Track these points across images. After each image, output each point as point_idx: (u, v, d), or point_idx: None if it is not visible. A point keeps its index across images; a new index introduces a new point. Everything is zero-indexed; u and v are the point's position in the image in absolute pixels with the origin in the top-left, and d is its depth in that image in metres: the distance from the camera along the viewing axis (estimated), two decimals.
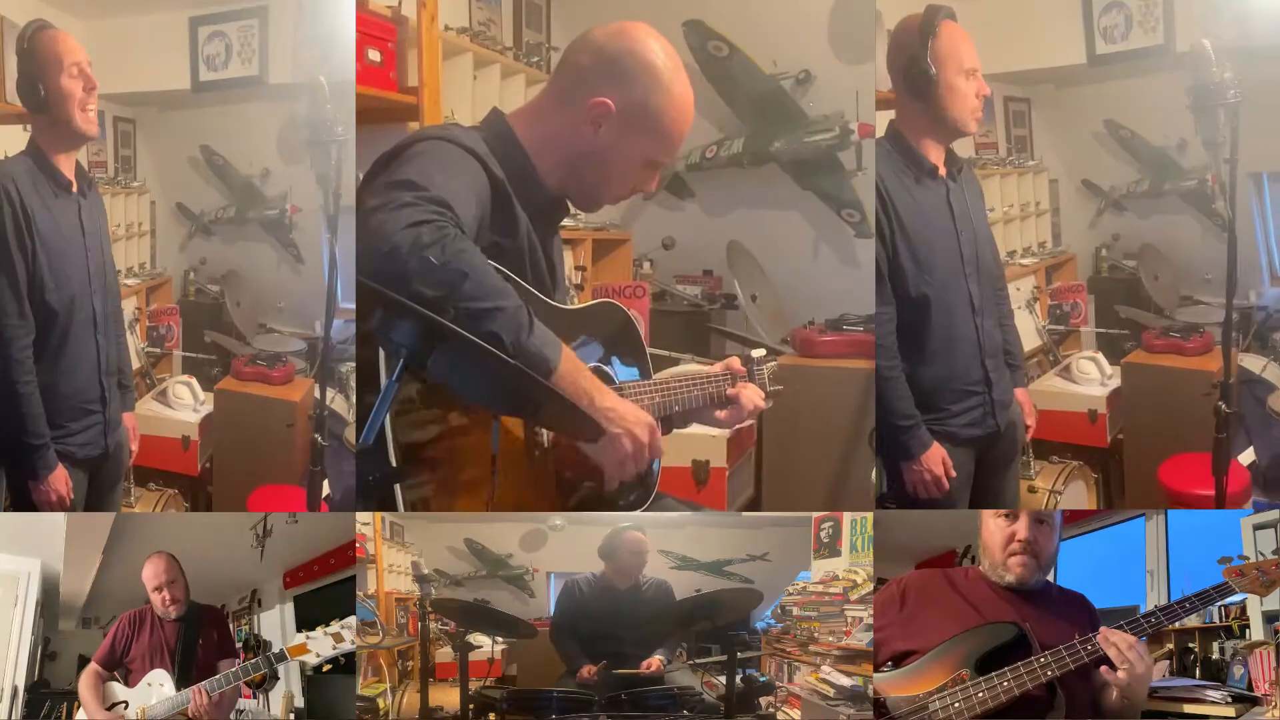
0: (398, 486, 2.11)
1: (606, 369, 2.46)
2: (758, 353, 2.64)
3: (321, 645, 2.94)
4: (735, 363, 2.56)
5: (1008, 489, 3.09)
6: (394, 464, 2.11)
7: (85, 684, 3.04)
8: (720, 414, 2.53)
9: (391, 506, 2.12)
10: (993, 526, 2.63)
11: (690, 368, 2.82)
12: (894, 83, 2.98)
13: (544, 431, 2.30)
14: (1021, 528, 2.59)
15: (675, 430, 2.57)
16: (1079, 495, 3.34)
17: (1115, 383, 3.31)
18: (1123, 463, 3.30)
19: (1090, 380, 3.34)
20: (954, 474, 2.93)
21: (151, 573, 3.12)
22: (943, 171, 2.96)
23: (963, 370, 2.96)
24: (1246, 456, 3.14)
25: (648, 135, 2.31)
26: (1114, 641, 2.41)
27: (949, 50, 2.86)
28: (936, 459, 2.92)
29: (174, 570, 3.13)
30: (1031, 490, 3.30)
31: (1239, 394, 3.12)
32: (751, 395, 2.52)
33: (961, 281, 2.94)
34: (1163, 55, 3.19)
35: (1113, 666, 2.40)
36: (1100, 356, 3.35)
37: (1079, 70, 3.34)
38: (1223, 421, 2.98)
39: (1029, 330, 3.40)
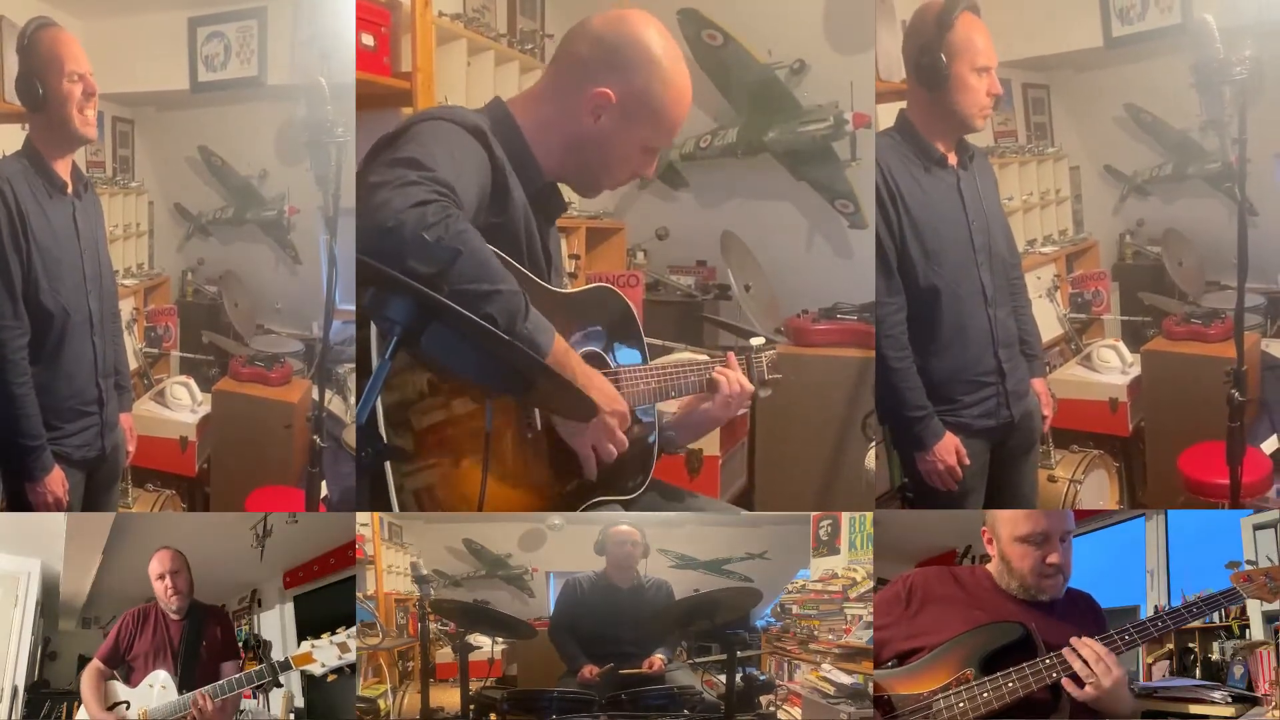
0: (388, 465, 2.11)
1: (604, 355, 2.46)
2: (756, 341, 2.64)
3: (327, 655, 2.93)
4: (731, 356, 2.56)
5: (1025, 480, 3.07)
6: (385, 440, 2.12)
7: (87, 682, 3.02)
8: (707, 405, 2.52)
9: (385, 488, 2.12)
10: (1021, 552, 2.56)
11: (684, 356, 2.82)
12: (906, 70, 2.95)
13: (537, 414, 2.30)
14: (1053, 553, 2.54)
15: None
16: (1100, 485, 3.33)
17: (1136, 371, 3.29)
18: (1144, 452, 3.28)
19: (1111, 369, 3.32)
20: (968, 462, 2.92)
21: (156, 562, 3.11)
22: (953, 160, 2.92)
23: (975, 361, 2.93)
24: (1270, 445, 3.11)
25: (647, 124, 2.32)
26: (1082, 655, 2.38)
27: (964, 44, 2.82)
28: (949, 449, 2.90)
29: (179, 562, 3.11)
30: (1052, 480, 3.29)
31: (1263, 380, 3.10)
32: (734, 376, 2.50)
33: (973, 271, 2.91)
34: (1180, 35, 3.15)
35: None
36: (1120, 345, 3.33)
37: (1097, 54, 3.31)
38: (1236, 410, 2.93)
39: (1050, 319, 3.39)
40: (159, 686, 2.99)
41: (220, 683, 2.93)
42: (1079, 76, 3.43)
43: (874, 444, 3.21)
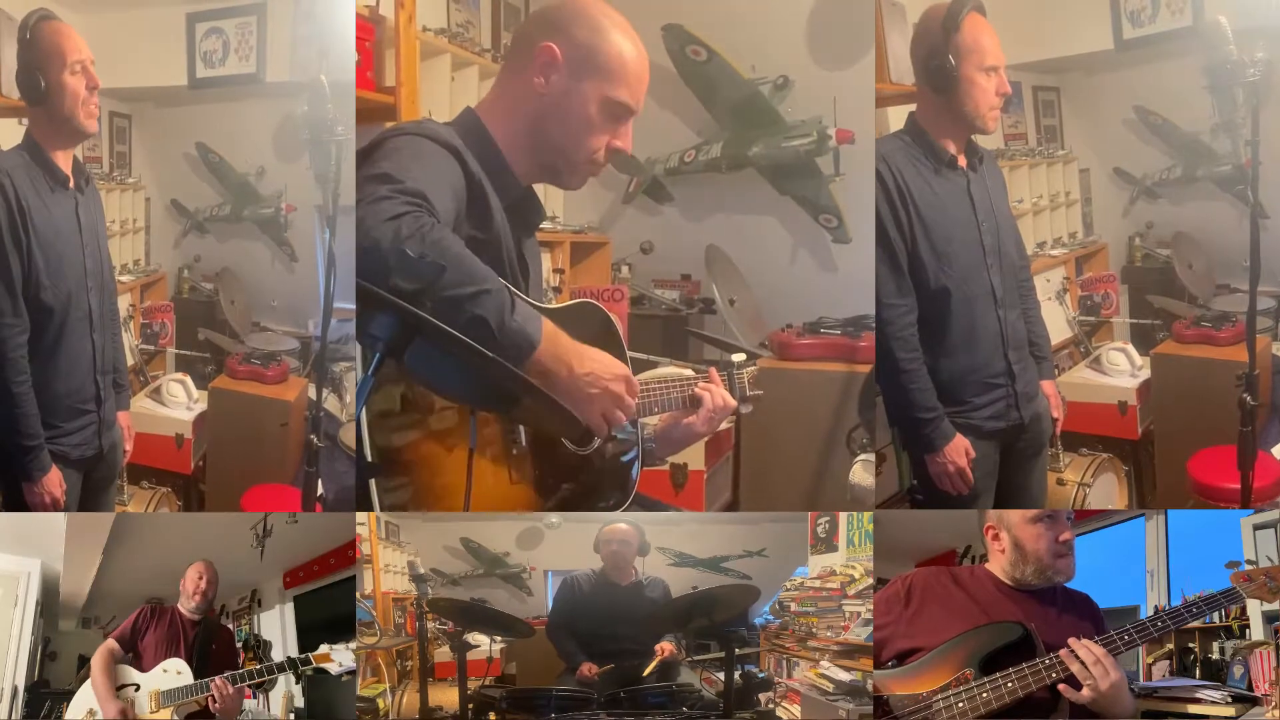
0: (373, 482, 2.12)
1: None
2: (738, 357, 2.63)
3: (345, 657, 2.97)
4: (713, 371, 2.55)
5: (1034, 482, 3.05)
6: (369, 459, 2.12)
7: (98, 660, 3.02)
8: (690, 419, 2.51)
9: (370, 503, 2.13)
10: (1035, 533, 2.57)
11: (668, 370, 2.82)
12: (915, 73, 2.94)
13: (521, 430, 2.30)
14: (1064, 529, 2.57)
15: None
16: (1109, 488, 3.33)
17: (1145, 374, 3.29)
18: (1154, 455, 3.27)
19: (1120, 371, 3.32)
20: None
21: (196, 569, 3.15)
22: (963, 162, 2.91)
23: (985, 363, 2.92)
24: None
25: (598, 72, 2.29)
26: (1080, 657, 2.38)
27: (971, 44, 2.80)
28: (959, 450, 2.88)
29: (214, 573, 3.17)
30: (1061, 483, 3.29)
31: (1274, 384, 3.09)
32: (717, 392, 2.50)
33: (983, 273, 2.90)
34: (1191, 37, 3.15)
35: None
36: (1130, 347, 3.33)
37: (1107, 56, 3.31)
38: (1248, 414, 2.92)
39: (1059, 321, 3.40)
40: (174, 672, 2.99)
41: (242, 670, 2.96)
42: (1089, 79, 3.43)
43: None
